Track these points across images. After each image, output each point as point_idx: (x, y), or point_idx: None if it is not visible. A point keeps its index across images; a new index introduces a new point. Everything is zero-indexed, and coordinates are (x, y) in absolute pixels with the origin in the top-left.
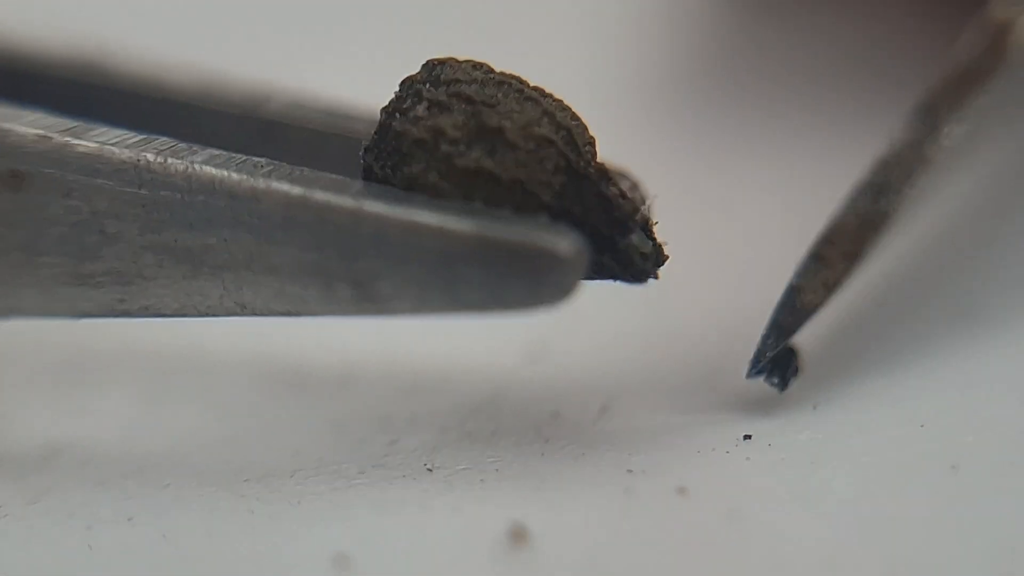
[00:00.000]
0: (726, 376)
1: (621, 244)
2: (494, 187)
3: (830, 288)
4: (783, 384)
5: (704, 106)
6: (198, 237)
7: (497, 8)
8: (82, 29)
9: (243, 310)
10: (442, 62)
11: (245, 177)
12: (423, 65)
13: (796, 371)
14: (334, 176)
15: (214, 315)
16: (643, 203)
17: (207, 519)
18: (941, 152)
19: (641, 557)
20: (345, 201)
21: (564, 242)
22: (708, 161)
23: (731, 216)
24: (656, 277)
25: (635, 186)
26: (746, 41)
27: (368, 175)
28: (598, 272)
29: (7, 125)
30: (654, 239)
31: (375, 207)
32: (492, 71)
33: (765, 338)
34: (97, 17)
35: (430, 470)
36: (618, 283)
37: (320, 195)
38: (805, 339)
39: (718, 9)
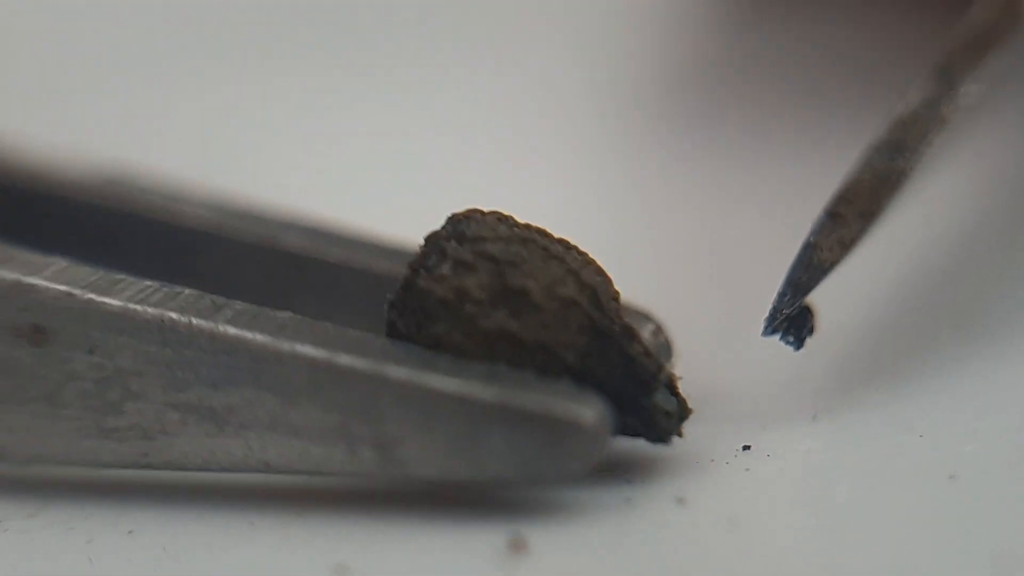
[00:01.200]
0: (725, 386)
1: (645, 403)
2: (518, 349)
3: (846, 246)
4: (799, 343)
5: (700, 107)
6: (222, 397)
7: (494, 9)
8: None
9: (268, 468)
10: (467, 216)
11: (269, 339)
12: (447, 219)
13: (812, 330)
14: (357, 334)
15: (239, 471)
16: (667, 356)
17: (207, 531)
18: (957, 111)
19: (640, 567)
20: (368, 366)
21: (588, 412)
22: (708, 167)
23: (730, 224)
24: (680, 435)
25: (659, 329)
26: (744, 40)
27: (392, 331)
28: (621, 431)
29: (31, 280)
30: (678, 395)
31: (398, 372)
32: (516, 225)
33: (781, 295)
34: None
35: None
36: (641, 441)
37: (344, 359)
38: (805, 348)
39: (716, 9)
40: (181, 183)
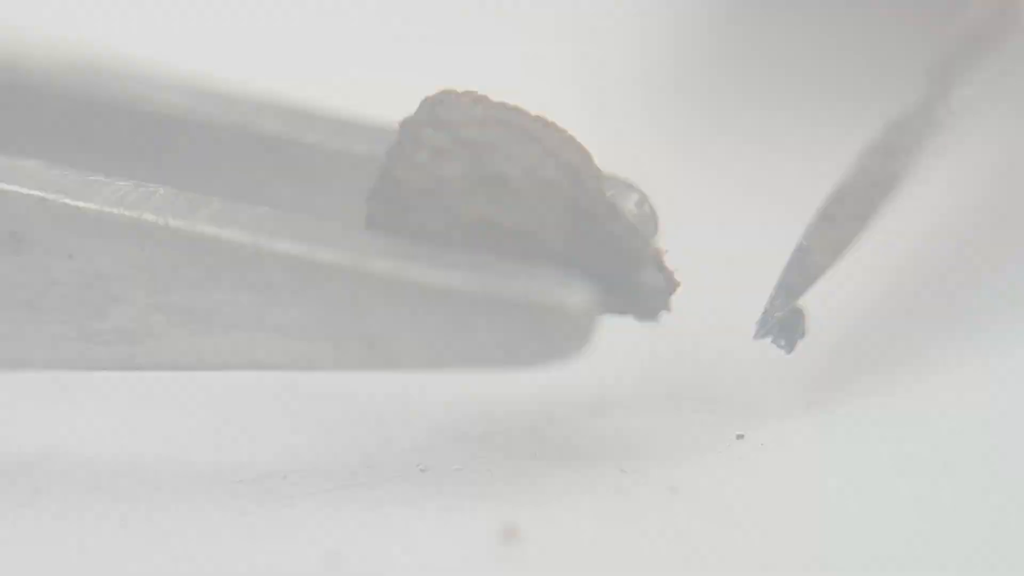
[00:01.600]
0: (719, 376)
1: (632, 282)
2: (500, 235)
3: (839, 249)
4: (790, 346)
5: (692, 110)
6: (204, 298)
7: (496, 7)
8: (78, 36)
9: (257, 366)
10: (441, 99)
11: (248, 238)
12: (421, 103)
13: (803, 333)
14: (338, 228)
15: (228, 369)
16: (652, 228)
17: (199, 520)
18: (952, 114)
19: (633, 556)
20: (349, 260)
21: (574, 296)
22: (702, 170)
23: (727, 218)
24: (669, 310)
25: (643, 199)
26: (738, 40)
27: (372, 222)
28: (609, 310)
29: (4, 186)
30: (665, 270)
31: (380, 266)
32: (492, 105)
33: (773, 299)
34: (96, 23)
35: (423, 470)
36: (630, 319)
37: (324, 255)
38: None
39: (713, 6)
40: (152, 68)
